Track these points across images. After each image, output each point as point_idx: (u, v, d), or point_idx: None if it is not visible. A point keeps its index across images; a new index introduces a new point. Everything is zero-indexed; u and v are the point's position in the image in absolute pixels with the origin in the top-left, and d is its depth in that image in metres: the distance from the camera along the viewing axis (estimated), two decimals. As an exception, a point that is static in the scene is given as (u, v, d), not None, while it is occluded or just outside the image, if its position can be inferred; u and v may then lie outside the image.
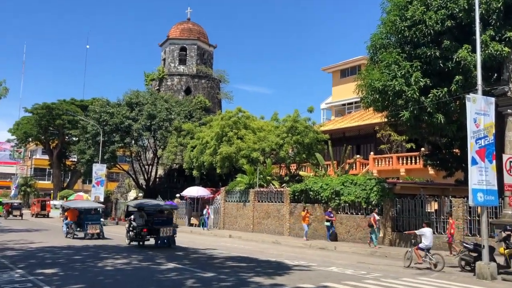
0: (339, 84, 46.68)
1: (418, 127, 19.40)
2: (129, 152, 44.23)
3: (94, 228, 23.34)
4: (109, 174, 57.37)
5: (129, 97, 42.31)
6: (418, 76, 16.99)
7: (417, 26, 17.20)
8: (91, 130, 41.29)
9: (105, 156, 40.26)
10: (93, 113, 41.73)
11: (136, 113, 40.58)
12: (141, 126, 39.91)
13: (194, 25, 52.84)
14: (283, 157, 31.47)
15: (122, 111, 40.65)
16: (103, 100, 43.02)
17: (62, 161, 61.82)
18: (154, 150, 42.73)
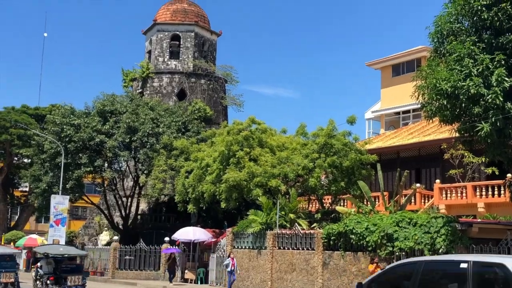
0: (390, 84, 46.78)
1: (502, 145, 19.30)
2: (100, 179, 44.51)
3: (8, 277, 26.28)
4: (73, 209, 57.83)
5: (101, 104, 42.75)
6: (502, 74, 16.95)
7: (499, 5, 17.22)
8: (49, 148, 41.68)
9: (67, 185, 40.54)
10: (52, 125, 42.19)
11: (110, 126, 40.95)
12: (118, 143, 40.26)
13: (190, 5, 53.57)
14: (313, 186, 31.38)
15: (91, 122, 41.05)
16: (66, 108, 43.53)
17: (9, 191, 62.39)
18: (135, 176, 42.99)
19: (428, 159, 35.62)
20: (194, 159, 35.83)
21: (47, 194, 41.43)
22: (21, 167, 56.81)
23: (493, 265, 8.77)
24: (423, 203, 32.45)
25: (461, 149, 28.27)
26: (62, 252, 26.32)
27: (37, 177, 43.47)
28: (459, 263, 9.11)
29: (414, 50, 44.43)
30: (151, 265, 36.98)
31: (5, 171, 59.63)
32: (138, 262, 37.45)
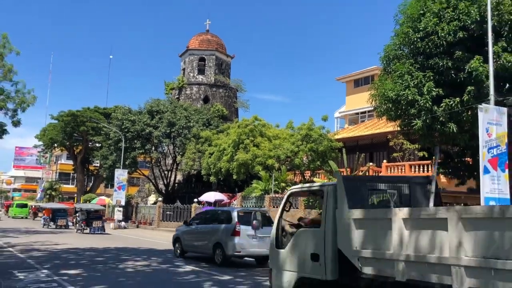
0: (352, 93, 46.50)
1: (430, 136, 19.13)
2: (149, 158, 44.58)
3: (62, 222, 34.56)
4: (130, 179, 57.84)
5: (150, 105, 42.71)
6: (430, 86, 16.80)
7: (429, 37, 17.03)
8: (113, 136, 41.74)
9: (126, 162, 40.62)
10: (115, 120, 42.20)
11: (156, 121, 40.92)
12: (161, 133, 40.23)
13: (212, 36, 53.25)
14: (297, 164, 31.39)
15: (143, 118, 41.03)
16: (125, 108, 43.49)
17: (86, 166, 62.59)
18: (173, 157, 43.00)
19: (378, 145, 35.51)
20: (214, 145, 35.82)
21: (112, 168, 41.50)
22: (94, 150, 56.88)
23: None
24: (374, 176, 32.44)
25: (401, 139, 28.18)
26: (89, 207, 32.87)
27: (105, 156, 43.58)
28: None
29: (369, 69, 44.13)
30: (185, 218, 37.03)
31: (83, 152, 59.89)
32: (176, 216, 37.54)
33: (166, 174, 43.91)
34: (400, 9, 19.03)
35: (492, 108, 13.45)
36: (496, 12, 15.72)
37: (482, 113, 13.09)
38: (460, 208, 5.21)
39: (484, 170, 12.91)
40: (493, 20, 15.49)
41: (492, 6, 15.21)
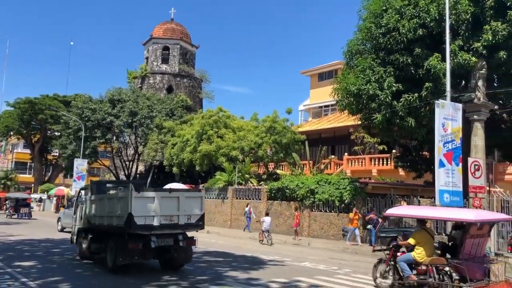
0: (316, 87, 46.94)
1: (390, 130, 19.65)
2: (110, 148, 43.71)
3: (24, 210, 34.62)
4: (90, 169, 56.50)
5: (111, 94, 41.80)
6: (391, 81, 17.25)
7: (391, 33, 17.44)
8: (73, 125, 40.66)
9: (86, 152, 39.69)
10: (75, 108, 41.12)
11: (118, 110, 40.11)
12: (123, 122, 39.48)
13: (177, 25, 52.50)
14: (261, 156, 31.54)
15: (104, 107, 40.14)
16: (86, 97, 42.42)
17: (44, 155, 60.61)
18: (135, 147, 42.31)
19: (340, 138, 36.08)
20: (178, 136, 35.49)
21: (71, 158, 40.49)
22: (53, 138, 55.14)
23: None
24: (336, 168, 33.00)
25: (362, 132, 28.73)
26: (18, 196, 36.66)
27: (64, 145, 42.40)
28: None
29: (333, 64, 44.60)
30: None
31: (41, 141, 57.95)
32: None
33: (128, 164, 43.18)
34: (364, 5, 19.37)
35: (448, 104, 13.93)
36: (454, 11, 16.24)
37: (439, 108, 13.53)
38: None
39: (440, 164, 13.38)
40: (451, 19, 16.01)
41: (450, 5, 15.70)
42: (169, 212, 10.77)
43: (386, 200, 20.29)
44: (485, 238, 9.69)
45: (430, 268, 9.05)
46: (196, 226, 11.34)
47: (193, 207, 11.22)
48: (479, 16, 16.62)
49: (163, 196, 10.80)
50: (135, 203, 10.29)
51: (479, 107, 16.90)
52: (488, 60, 16.75)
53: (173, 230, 11.01)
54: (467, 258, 9.00)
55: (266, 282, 10.41)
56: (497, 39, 15.92)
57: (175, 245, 11.16)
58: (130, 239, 10.71)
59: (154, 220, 10.54)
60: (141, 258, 11.09)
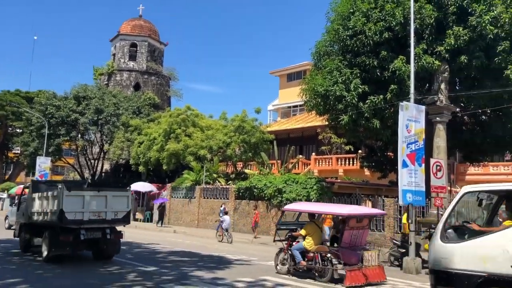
0: (285, 87, 47.24)
1: (356, 131, 19.99)
2: (75, 146, 42.71)
3: None
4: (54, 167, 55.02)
5: (76, 91, 40.84)
6: (357, 83, 17.55)
7: (358, 36, 17.74)
8: (36, 122, 39.51)
9: (49, 149, 38.63)
10: (38, 105, 39.95)
11: (83, 107, 39.23)
12: (88, 120, 38.66)
13: (145, 22, 51.78)
14: (229, 155, 31.51)
15: (68, 104, 39.19)
16: (50, 93, 41.28)
17: (4, 152, 58.65)
18: (100, 145, 41.47)
19: (308, 138, 36.45)
20: (144, 134, 35.04)
21: (33, 156, 39.26)
22: (14, 136, 53.41)
23: None
24: (304, 168, 33.31)
25: (330, 133, 29.13)
26: None
27: (26, 143, 41.13)
28: None
29: (302, 64, 44.99)
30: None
31: (1, 137, 56.02)
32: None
33: (93, 163, 42.30)
34: (332, 7, 19.64)
35: (412, 106, 14.27)
36: (419, 16, 16.67)
37: (403, 110, 13.84)
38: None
39: (403, 164, 13.69)
40: (416, 23, 16.43)
41: (414, 9, 16.10)
42: (98, 208, 12.38)
43: (352, 200, 20.61)
44: (364, 230, 11.54)
45: (316, 255, 11.00)
46: (123, 221, 13.10)
47: (120, 205, 12.93)
48: (442, 21, 17.14)
49: (92, 195, 12.39)
50: (66, 201, 11.81)
51: (441, 110, 17.42)
52: (450, 64, 17.29)
53: (100, 224, 12.63)
54: (346, 246, 10.98)
55: (232, 281, 10.41)
56: (459, 43, 16.47)
57: (103, 237, 12.81)
58: (62, 232, 12.22)
59: (84, 216, 12.16)
60: (72, 249, 12.61)
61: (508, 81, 16.36)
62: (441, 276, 7.17)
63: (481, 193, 7.78)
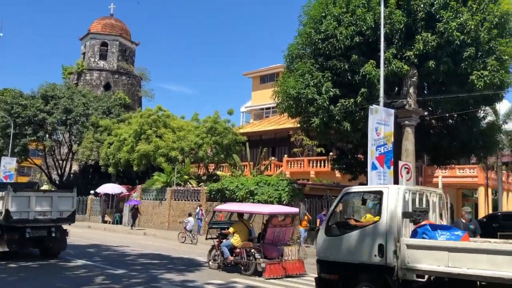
0: (258, 89, 47.38)
1: (327, 133, 20.22)
2: (42, 146, 41.67)
3: None
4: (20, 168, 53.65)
5: (44, 90, 39.81)
6: (328, 86, 17.76)
7: (329, 39, 17.96)
8: (0, 122, 38.34)
9: (15, 149, 37.55)
10: (4, 104, 38.73)
11: (51, 107, 38.30)
12: (56, 120, 37.77)
13: (117, 21, 51.06)
14: (201, 157, 31.37)
15: (36, 103, 38.19)
16: (16, 92, 40.08)
17: (-33, 153, 56.70)
18: (69, 145, 40.60)
19: (280, 140, 36.61)
20: (114, 135, 34.53)
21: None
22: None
23: None
24: (276, 170, 33.47)
25: (302, 135, 29.37)
26: None
27: (-10, 143, 39.81)
28: None
29: (274, 67, 45.18)
30: (80, 210, 35.30)
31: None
32: (70, 208, 35.59)
33: (61, 164, 41.36)
34: (304, 10, 19.83)
35: (381, 110, 14.58)
36: (389, 21, 17.03)
37: (372, 113, 14.14)
38: None
39: (372, 167, 13.97)
40: (386, 28, 16.78)
41: (385, 14, 16.46)
42: (43, 208, 13.42)
43: (323, 201, 20.87)
44: (287, 228, 12.70)
45: (242, 251, 12.19)
46: (68, 220, 14.10)
47: (65, 205, 14.02)
48: (412, 26, 17.55)
49: (38, 196, 13.58)
50: (12, 201, 12.82)
51: (410, 113, 17.83)
52: (419, 68, 17.72)
53: (46, 223, 13.57)
54: (269, 242, 12.23)
55: (202, 284, 10.39)
56: (427, 49, 16.90)
57: (48, 236, 13.70)
58: (8, 231, 13.00)
59: (29, 215, 13.17)
60: (18, 247, 13.38)
61: (473, 86, 16.90)
62: (324, 265, 8.27)
63: (365, 194, 9.26)
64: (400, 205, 7.50)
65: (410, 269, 7.15)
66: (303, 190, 22.09)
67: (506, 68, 17.43)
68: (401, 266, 7.17)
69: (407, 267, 7.15)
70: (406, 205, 7.66)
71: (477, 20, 16.66)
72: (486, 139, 20.37)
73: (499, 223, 22.60)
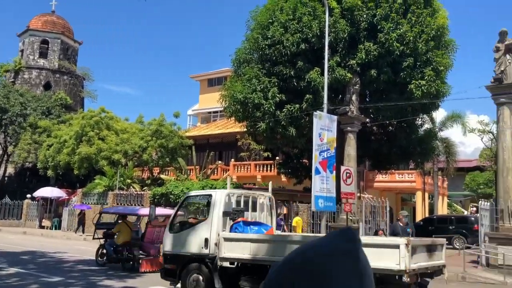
0: (206, 92, 47.17)
1: (273, 138, 20.52)
2: (-27, 147, 39.31)
3: None
4: None
5: (-24, 88, 37.64)
6: (275, 91, 18.05)
7: (276, 46, 18.27)
8: None
9: None
10: None
11: (-16, 106, 36.24)
12: (-10, 120, 35.79)
13: (58, 18, 49.09)
14: (146, 160, 30.77)
15: (-33, 102, 36.01)
16: None
17: None
18: (4, 147, 38.55)
19: (228, 145, 36.62)
20: (54, 136, 33.16)
21: None
22: None
23: None
24: (223, 174, 33.40)
25: (248, 139, 29.53)
26: None
27: None
28: None
29: (222, 70, 45.19)
30: (15, 215, 33.56)
31: None
32: (3, 213, 33.80)
33: (-6, 166, 39.19)
34: (252, 15, 20.05)
35: (325, 116, 14.97)
36: (334, 29, 17.57)
37: (316, 119, 14.47)
38: None
39: (316, 171, 14.29)
40: (331, 36, 17.30)
41: (329, 23, 16.96)
42: None
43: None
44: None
45: (124, 249, 13.69)
46: None
47: None
48: (355, 36, 18.21)
49: None
50: None
51: (352, 120, 18.43)
52: (361, 77, 18.39)
53: None
54: (149, 241, 13.75)
55: (143, 290, 10.21)
56: (369, 58, 17.58)
57: None
58: None
59: None
60: None
61: (412, 95, 17.75)
62: (167, 257, 9.69)
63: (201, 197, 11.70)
64: (222, 206, 9.12)
65: (225, 258, 8.64)
66: (249, 194, 22.14)
67: (442, 78, 18.48)
68: (220, 255, 8.63)
69: (223, 256, 8.62)
70: (229, 206, 9.28)
71: (415, 32, 17.54)
72: (423, 146, 21.43)
73: (434, 226, 23.83)
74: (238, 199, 9.72)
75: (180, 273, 9.20)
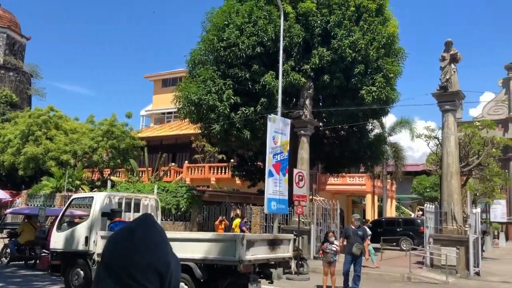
0: (160, 93, 46.52)
1: (228, 140, 20.52)
2: None
3: None
4: None
5: None
6: (229, 93, 18.07)
7: (231, 48, 18.30)
8: None
9: None
10: None
11: None
12: None
13: (4, 12, 46.95)
14: (96, 161, 29.90)
15: None
16: None
17: None
18: None
19: (182, 146, 36.26)
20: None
21: None
22: None
23: None
24: (176, 176, 33.06)
25: (203, 141, 29.39)
26: None
27: None
28: None
29: (176, 71, 44.73)
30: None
31: None
32: None
33: None
34: (208, 17, 20.00)
35: (279, 119, 15.14)
36: (288, 34, 17.82)
37: (270, 122, 14.62)
38: None
39: (269, 174, 14.42)
40: (285, 40, 17.53)
41: (284, 27, 17.18)
42: None
43: (221, 208, 21.03)
44: None
45: (27, 248, 14.38)
46: None
47: None
48: (309, 41, 18.55)
49: None
50: None
51: (305, 123, 18.75)
52: (315, 81, 18.75)
53: None
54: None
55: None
56: (323, 63, 17.96)
57: None
58: None
59: None
60: None
61: (363, 100, 18.27)
62: (54, 254, 10.54)
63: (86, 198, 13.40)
64: (101, 207, 10.13)
65: (99, 254, 9.10)
66: (202, 197, 22.09)
67: (391, 85, 19.14)
68: (97, 251, 9.27)
69: (100, 252, 8.90)
70: (109, 207, 10.17)
71: (367, 40, 18.09)
72: (373, 150, 22.11)
73: (383, 228, 24.60)
74: (119, 201, 10.93)
75: (65, 268, 10.07)
